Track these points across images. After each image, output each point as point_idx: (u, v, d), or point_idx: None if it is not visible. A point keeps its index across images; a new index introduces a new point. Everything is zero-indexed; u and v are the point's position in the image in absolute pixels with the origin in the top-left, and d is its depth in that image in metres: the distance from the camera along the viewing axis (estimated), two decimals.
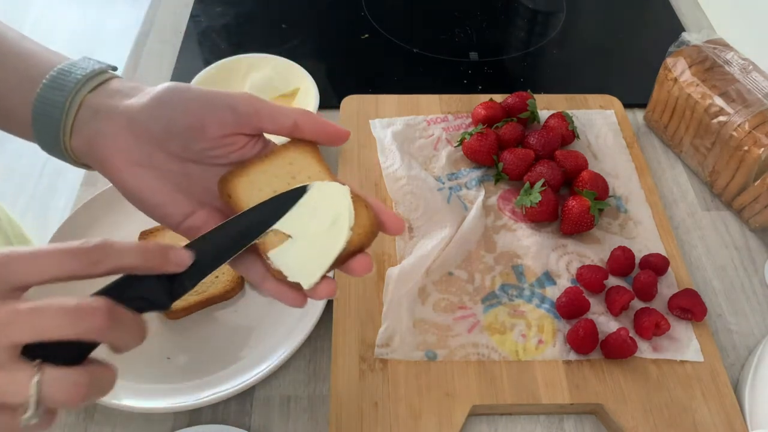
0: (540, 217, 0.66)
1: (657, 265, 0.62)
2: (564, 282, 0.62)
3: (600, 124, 0.77)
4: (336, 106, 0.79)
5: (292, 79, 0.78)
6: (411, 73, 0.88)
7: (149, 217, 0.44)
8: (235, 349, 0.58)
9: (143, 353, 0.57)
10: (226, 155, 0.42)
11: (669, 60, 0.74)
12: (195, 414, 0.56)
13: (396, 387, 0.56)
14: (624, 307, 0.60)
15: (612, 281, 0.62)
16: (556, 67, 0.91)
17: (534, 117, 0.75)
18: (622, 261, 0.62)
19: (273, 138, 0.45)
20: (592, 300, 0.60)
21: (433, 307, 0.60)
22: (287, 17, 0.96)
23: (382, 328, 0.58)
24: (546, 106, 0.79)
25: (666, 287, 0.63)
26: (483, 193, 0.69)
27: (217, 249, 0.39)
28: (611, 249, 0.64)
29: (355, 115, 0.77)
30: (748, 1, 0.95)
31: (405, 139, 0.74)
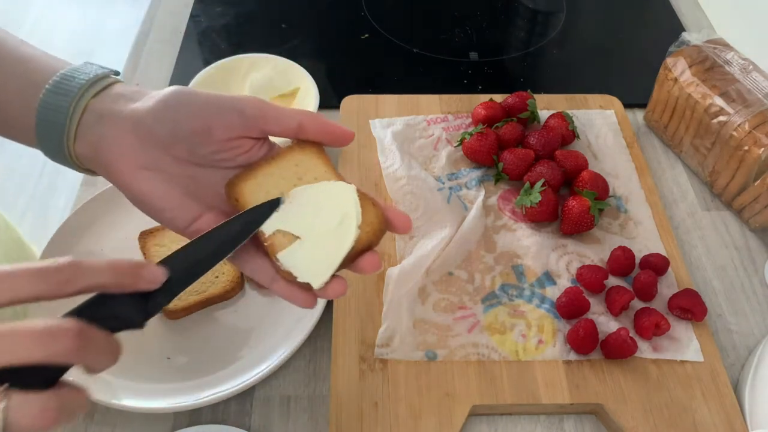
0: (540, 217, 0.66)
1: (657, 265, 0.62)
2: (564, 282, 0.62)
3: (600, 124, 0.77)
4: (336, 106, 0.79)
5: (292, 79, 0.78)
6: (411, 73, 0.88)
7: (155, 221, 0.43)
8: (235, 349, 0.58)
9: (143, 353, 0.57)
10: (232, 158, 0.42)
11: (669, 60, 0.74)
12: (195, 414, 0.56)
13: (396, 387, 0.56)
14: (624, 307, 0.60)
15: (612, 281, 0.62)
16: (556, 67, 0.91)
17: (534, 117, 0.75)
18: (622, 261, 0.62)
19: (276, 140, 0.45)
20: (592, 300, 0.60)
21: (433, 307, 0.60)
22: (287, 17, 0.96)
23: (382, 328, 0.58)
24: (546, 106, 0.79)
25: (666, 287, 0.63)
26: (483, 193, 0.69)
27: (191, 264, 0.38)
28: (611, 249, 0.64)
29: (355, 115, 0.77)
30: (748, 1, 0.95)
31: (405, 139, 0.74)
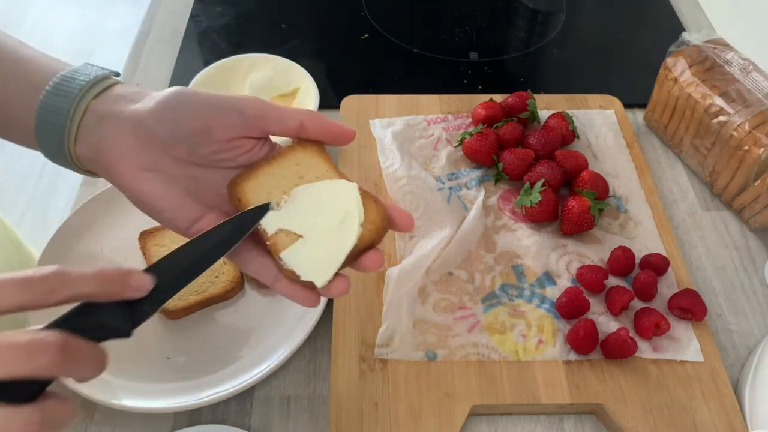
0: (540, 217, 0.66)
1: (657, 265, 0.62)
2: (564, 282, 0.62)
3: (600, 124, 0.77)
4: (336, 106, 0.79)
5: (292, 79, 0.78)
6: (411, 73, 0.88)
7: (156, 221, 0.43)
8: (235, 349, 0.58)
9: (143, 353, 0.57)
10: (233, 159, 0.42)
11: (669, 60, 0.74)
12: (195, 414, 0.56)
13: (396, 387, 0.56)
14: (624, 307, 0.60)
15: (612, 281, 0.62)
16: (556, 67, 0.91)
17: (534, 117, 0.75)
18: (622, 261, 0.62)
19: (277, 140, 0.45)
20: (592, 300, 0.60)
21: (433, 307, 0.60)
22: (287, 17, 0.96)
23: (382, 328, 0.58)
24: (546, 106, 0.79)
25: (666, 287, 0.63)
26: (483, 193, 0.69)
27: (179, 271, 0.38)
28: (611, 249, 0.64)
29: (355, 115, 0.77)
30: (748, 1, 0.95)
31: (405, 139, 0.74)
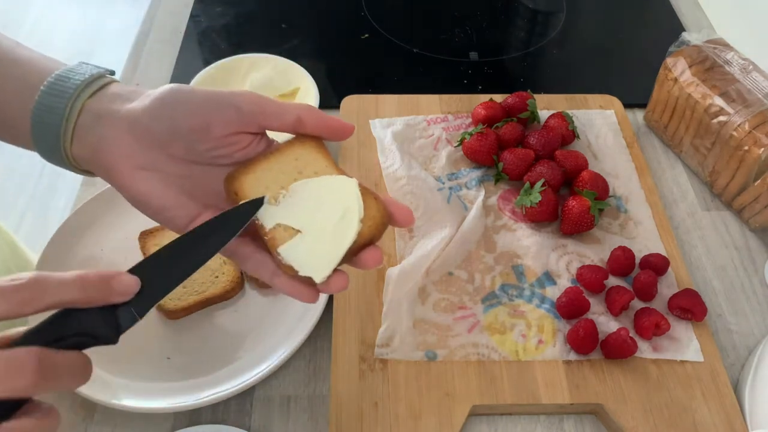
0: (540, 217, 0.66)
1: (657, 265, 0.62)
2: (564, 282, 0.62)
3: (600, 124, 0.77)
4: (336, 106, 0.79)
5: (292, 79, 0.78)
6: (411, 73, 0.88)
7: (154, 221, 0.43)
8: (235, 349, 0.58)
9: (143, 353, 0.57)
10: (230, 155, 0.42)
11: (669, 60, 0.74)
12: (195, 414, 0.56)
13: (396, 387, 0.56)
14: (624, 307, 0.60)
15: (612, 281, 0.62)
16: (556, 67, 0.91)
17: (534, 117, 0.75)
18: (622, 261, 0.62)
19: (277, 136, 0.45)
20: (592, 300, 0.60)
21: (433, 307, 0.60)
22: (287, 17, 0.96)
23: (382, 328, 0.58)
24: (546, 106, 0.79)
25: (666, 287, 0.63)
26: (483, 193, 0.69)
27: (169, 270, 0.36)
28: (611, 249, 0.64)
29: (355, 115, 0.77)
30: (748, 1, 0.95)
31: (405, 139, 0.74)
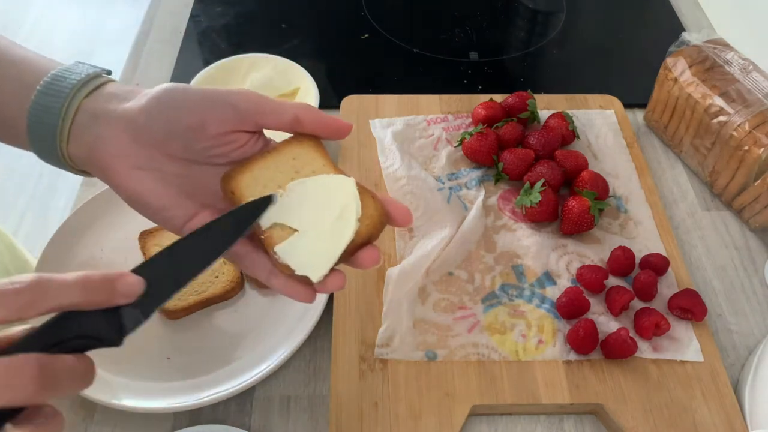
0: (540, 217, 0.66)
1: (657, 265, 0.62)
2: (564, 282, 0.62)
3: (600, 124, 0.77)
4: (336, 106, 0.79)
5: (292, 79, 0.78)
6: (411, 73, 0.88)
7: (151, 221, 0.43)
8: (235, 349, 0.58)
9: (143, 353, 0.57)
10: (227, 154, 0.42)
11: (669, 60, 0.74)
12: (195, 414, 0.56)
13: (396, 387, 0.56)
14: (624, 307, 0.60)
15: (612, 281, 0.62)
16: (556, 67, 0.91)
17: (534, 117, 0.75)
18: (622, 261, 0.62)
19: (274, 136, 0.45)
20: (592, 300, 0.60)
21: (433, 307, 0.60)
22: (287, 17, 0.96)
23: (382, 328, 0.58)
24: (546, 106, 0.79)
25: (666, 287, 0.63)
26: (483, 193, 0.69)
27: (173, 272, 0.35)
28: (611, 249, 0.64)
29: (355, 115, 0.77)
30: (748, 1, 0.95)
31: (405, 139, 0.74)
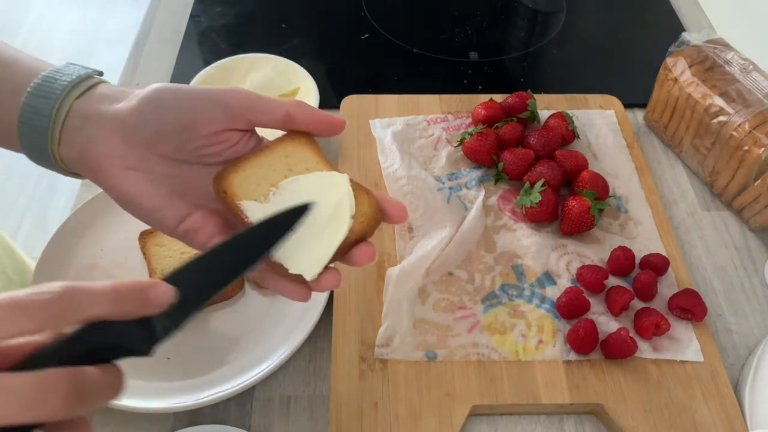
0: (540, 217, 0.66)
1: (657, 265, 0.62)
2: (564, 282, 0.62)
3: (600, 124, 0.77)
4: (336, 106, 0.79)
5: (292, 79, 0.78)
6: (411, 73, 0.88)
7: (144, 223, 0.43)
8: (235, 349, 0.58)
9: None
10: (219, 153, 0.42)
11: (669, 60, 0.74)
12: (195, 414, 0.56)
13: (396, 387, 0.56)
14: (624, 307, 0.60)
15: (612, 281, 0.62)
16: (556, 67, 0.91)
17: (534, 117, 0.75)
18: (622, 261, 0.62)
19: (267, 134, 0.45)
20: (592, 300, 0.60)
21: (433, 307, 0.60)
22: (287, 17, 0.95)
23: (382, 328, 0.58)
24: (546, 106, 0.79)
25: (666, 287, 0.62)
26: (483, 193, 0.69)
27: (205, 280, 0.34)
28: (611, 249, 0.64)
29: (355, 115, 0.77)
30: (748, 1, 0.95)
31: (405, 139, 0.74)
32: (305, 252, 0.39)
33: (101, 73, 0.44)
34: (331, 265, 0.40)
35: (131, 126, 0.40)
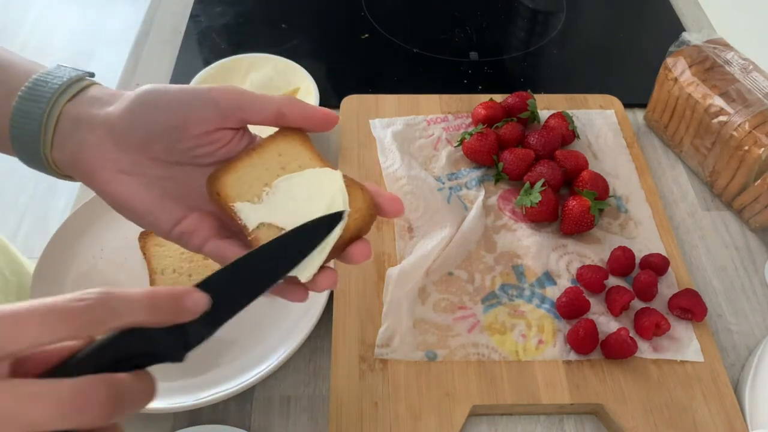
0: (540, 217, 0.66)
1: (657, 265, 0.62)
2: (564, 282, 0.62)
3: (600, 124, 0.77)
4: (336, 106, 0.79)
5: (292, 79, 0.78)
6: (411, 73, 0.88)
7: (139, 226, 0.43)
8: (236, 349, 0.58)
9: None
10: (211, 153, 0.41)
11: (669, 60, 0.74)
12: (195, 414, 0.56)
13: (396, 387, 0.56)
14: (624, 307, 0.60)
15: (612, 281, 0.62)
16: (556, 67, 0.91)
17: (534, 117, 0.75)
18: (622, 261, 0.62)
19: (261, 132, 0.44)
20: (592, 300, 0.60)
21: (433, 307, 0.60)
22: (287, 17, 0.95)
23: (382, 328, 0.58)
24: (546, 106, 0.79)
25: (666, 287, 0.62)
26: (483, 193, 0.69)
27: (238, 288, 0.34)
28: (611, 249, 0.64)
29: (355, 115, 0.77)
30: (748, 1, 0.95)
31: (405, 139, 0.74)
32: None
33: (92, 75, 0.43)
34: (328, 265, 0.39)
35: (121, 129, 0.40)
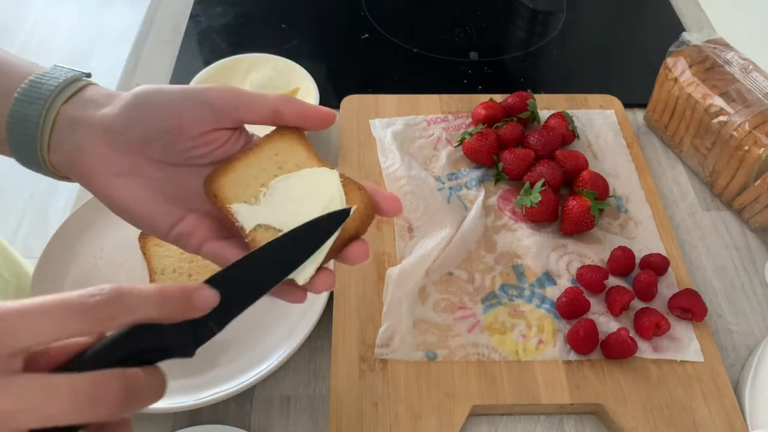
0: (540, 217, 0.66)
1: (657, 265, 0.62)
2: (564, 282, 0.62)
3: (600, 124, 0.77)
4: (336, 106, 0.79)
5: (292, 79, 0.78)
6: (411, 73, 0.88)
7: (138, 228, 0.43)
8: (235, 349, 0.58)
9: None
10: (208, 154, 0.41)
11: (669, 60, 0.74)
12: (195, 414, 0.56)
13: (396, 387, 0.56)
14: (624, 307, 0.60)
15: (612, 281, 0.62)
16: (556, 67, 0.91)
17: (534, 117, 0.75)
18: (622, 261, 0.62)
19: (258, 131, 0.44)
20: (592, 300, 0.60)
21: (433, 307, 0.60)
22: (287, 17, 0.95)
23: (382, 328, 0.58)
24: (546, 106, 0.79)
25: (666, 287, 0.62)
26: (483, 193, 0.69)
27: (247, 284, 0.35)
28: (611, 249, 0.64)
29: (355, 115, 0.77)
30: (748, 1, 0.95)
31: (405, 139, 0.74)
32: None
33: (89, 75, 0.43)
34: (326, 266, 0.39)
35: (117, 131, 0.39)
